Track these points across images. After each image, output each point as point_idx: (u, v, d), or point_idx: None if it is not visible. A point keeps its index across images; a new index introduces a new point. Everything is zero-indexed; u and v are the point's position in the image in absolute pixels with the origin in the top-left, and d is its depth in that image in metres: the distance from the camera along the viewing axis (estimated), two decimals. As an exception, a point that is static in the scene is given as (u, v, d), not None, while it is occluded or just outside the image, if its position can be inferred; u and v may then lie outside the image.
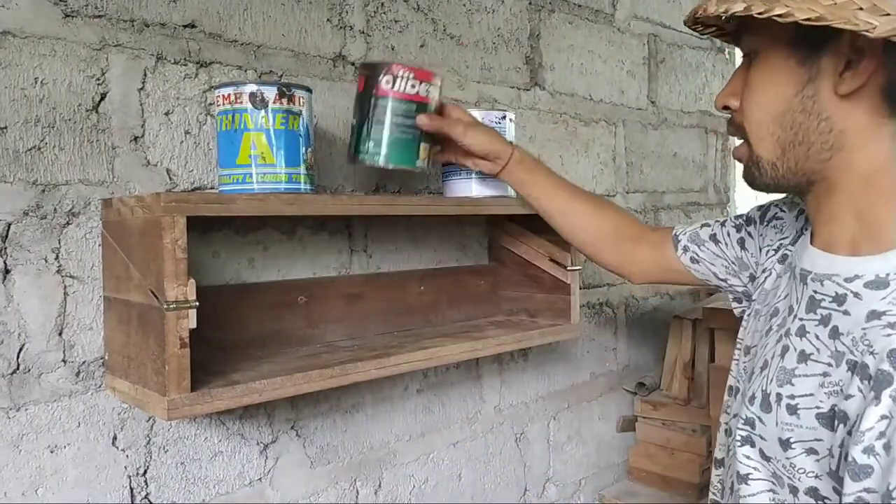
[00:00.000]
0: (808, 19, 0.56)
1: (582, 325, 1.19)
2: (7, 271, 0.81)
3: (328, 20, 1.10)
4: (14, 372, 0.81)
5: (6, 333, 0.81)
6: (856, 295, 0.63)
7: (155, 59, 0.92)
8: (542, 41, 1.46)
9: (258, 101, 0.84)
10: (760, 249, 0.86)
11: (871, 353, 0.57)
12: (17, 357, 0.82)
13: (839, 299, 0.64)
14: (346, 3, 1.12)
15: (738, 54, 0.73)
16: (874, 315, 0.60)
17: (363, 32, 1.14)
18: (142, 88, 0.91)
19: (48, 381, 0.84)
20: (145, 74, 0.91)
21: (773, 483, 0.66)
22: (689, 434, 1.58)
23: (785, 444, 0.64)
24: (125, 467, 0.90)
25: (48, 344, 0.84)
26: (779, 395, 0.66)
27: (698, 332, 1.64)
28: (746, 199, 2.07)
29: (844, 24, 0.55)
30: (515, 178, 1.02)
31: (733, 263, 0.90)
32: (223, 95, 0.85)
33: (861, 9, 0.55)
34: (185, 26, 0.94)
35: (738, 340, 0.84)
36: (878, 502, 0.55)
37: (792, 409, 0.64)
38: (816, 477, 0.62)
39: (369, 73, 0.92)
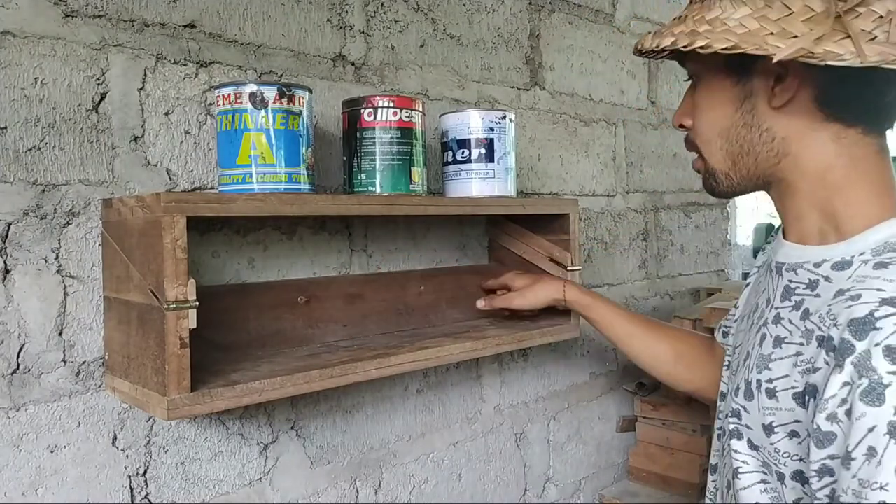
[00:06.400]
0: (725, 48, 0.63)
1: (582, 325, 1.19)
2: (7, 271, 0.81)
3: (328, 20, 1.10)
4: (14, 372, 0.81)
5: (6, 333, 0.81)
6: (826, 279, 0.67)
7: (155, 59, 0.92)
8: (542, 41, 1.46)
9: (258, 101, 0.84)
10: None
11: (835, 325, 0.60)
12: (17, 357, 0.82)
13: (812, 285, 0.68)
14: (346, 3, 1.12)
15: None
16: (840, 293, 0.63)
17: (363, 32, 1.14)
18: (142, 88, 0.91)
19: (48, 381, 0.84)
20: (145, 74, 0.91)
21: (764, 473, 0.68)
22: (689, 434, 1.58)
23: (768, 430, 0.66)
24: (125, 467, 0.90)
25: (48, 344, 0.84)
26: (758, 381, 0.68)
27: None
28: (746, 198, 2.07)
29: (756, 50, 0.61)
30: (578, 306, 1.11)
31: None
32: (223, 95, 0.85)
33: (771, 34, 0.61)
34: (185, 26, 0.94)
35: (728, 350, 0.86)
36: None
37: (771, 393, 0.66)
38: (801, 460, 0.63)
39: (351, 109, 0.97)
